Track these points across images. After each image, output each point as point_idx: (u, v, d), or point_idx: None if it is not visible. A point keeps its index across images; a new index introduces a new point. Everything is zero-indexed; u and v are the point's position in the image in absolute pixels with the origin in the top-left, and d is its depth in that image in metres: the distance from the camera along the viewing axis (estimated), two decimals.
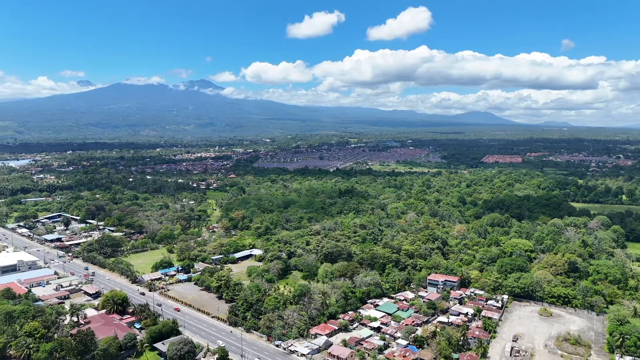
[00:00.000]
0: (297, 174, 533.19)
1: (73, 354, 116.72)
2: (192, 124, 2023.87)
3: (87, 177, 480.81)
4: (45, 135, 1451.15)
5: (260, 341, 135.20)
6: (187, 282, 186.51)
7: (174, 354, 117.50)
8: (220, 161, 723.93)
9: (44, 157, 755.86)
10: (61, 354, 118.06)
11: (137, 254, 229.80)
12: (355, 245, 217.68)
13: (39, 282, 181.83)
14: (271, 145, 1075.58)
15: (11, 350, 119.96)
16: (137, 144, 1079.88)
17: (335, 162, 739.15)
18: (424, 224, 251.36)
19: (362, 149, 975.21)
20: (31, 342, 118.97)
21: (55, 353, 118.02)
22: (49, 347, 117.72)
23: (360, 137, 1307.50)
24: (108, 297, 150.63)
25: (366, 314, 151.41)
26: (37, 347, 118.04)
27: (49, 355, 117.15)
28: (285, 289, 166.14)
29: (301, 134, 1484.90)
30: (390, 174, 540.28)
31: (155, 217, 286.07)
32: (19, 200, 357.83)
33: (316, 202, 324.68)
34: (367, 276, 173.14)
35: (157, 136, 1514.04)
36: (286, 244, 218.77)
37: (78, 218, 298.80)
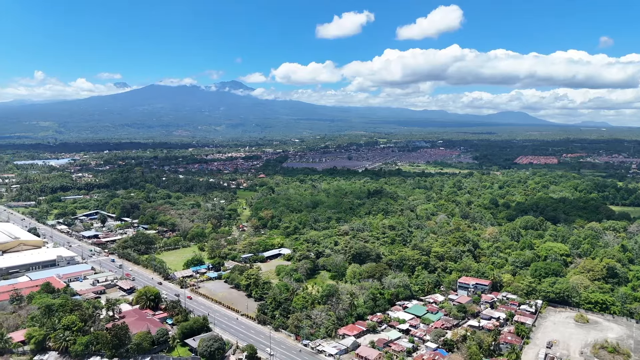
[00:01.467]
0: (326, 174, 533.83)
1: (108, 348, 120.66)
2: (223, 125, 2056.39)
3: (123, 176, 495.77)
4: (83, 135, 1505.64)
5: (289, 340, 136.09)
6: (218, 279, 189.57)
7: (204, 350, 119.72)
8: (250, 161, 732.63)
9: (82, 157, 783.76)
10: (97, 347, 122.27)
11: (170, 251, 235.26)
12: (384, 246, 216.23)
13: (77, 277, 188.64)
14: (300, 145, 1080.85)
15: (50, 342, 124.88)
16: (170, 144, 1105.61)
17: (364, 163, 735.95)
18: (454, 226, 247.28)
19: (392, 150, 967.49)
20: (69, 335, 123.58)
21: (91, 346, 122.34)
22: (85, 340, 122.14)
23: (390, 138, 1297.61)
24: (141, 293, 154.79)
25: (395, 316, 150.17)
26: (75, 340, 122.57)
27: (86, 348, 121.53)
28: (313, 289, 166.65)
29: (330, 134, 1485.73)
30: (420, 174, 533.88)
31: (187, 216, 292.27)
32: (59, 198, 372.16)
33: (344, 202, 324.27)
34: (396, 278, 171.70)
35: (189, 136, 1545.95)
36: (314, 244, 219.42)
37: (114, 216, 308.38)
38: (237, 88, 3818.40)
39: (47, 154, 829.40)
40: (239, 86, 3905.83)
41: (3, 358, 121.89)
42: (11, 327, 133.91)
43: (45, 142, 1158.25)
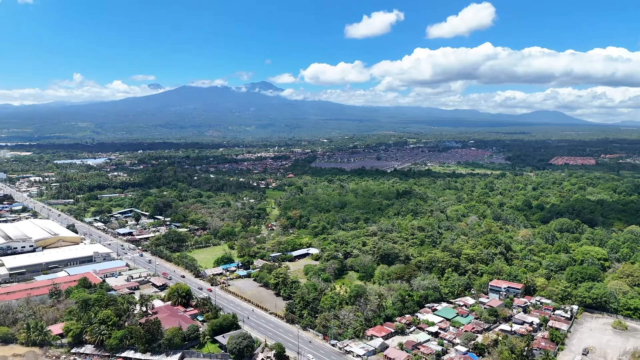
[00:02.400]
0: (354, 174, 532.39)
1: (141, 342, 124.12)
2: (253, 125, 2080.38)
3: (156, 175, 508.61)
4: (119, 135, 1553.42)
5: (317, 339, 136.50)
6: (247, 278, 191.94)
7: (233, 347, 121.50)
8: (279, 161, 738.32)
9: (118, 156, 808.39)
10: (131, 341, 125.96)
11: (200, 249, 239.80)
12: (413, 247, 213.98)
13: (112, 272, 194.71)
14: (328, 145, 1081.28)
15: (87, 336, 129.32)
16: (202, 144, 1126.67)
17: (393, 163, 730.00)
18: (486, 228, 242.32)
19: (421, 150, 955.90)
20: (104, 329, 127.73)
21: (125, 340, 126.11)
22: (120, 334, 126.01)
23: (419, 138, 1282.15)
24: (173, 290, 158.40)
25: (424, 318, 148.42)
26: (110, 334, 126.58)
27: (120, 342, 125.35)
28: (341, 289, 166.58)
29: (358, 134, 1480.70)
30: (451, 175, 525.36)
31: (217, 214, 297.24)
32: (96, 196, 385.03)
33: (373, 203, 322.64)
34: (425, 280, 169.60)
35: (220, 136, 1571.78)
36: (342, 244, 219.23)
37: (147, 214, 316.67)
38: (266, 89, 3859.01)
39: (85, 154, 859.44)
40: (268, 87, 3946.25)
41: (42, 350, 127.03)
42: (50, 320, 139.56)
43: (83, 142, 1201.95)
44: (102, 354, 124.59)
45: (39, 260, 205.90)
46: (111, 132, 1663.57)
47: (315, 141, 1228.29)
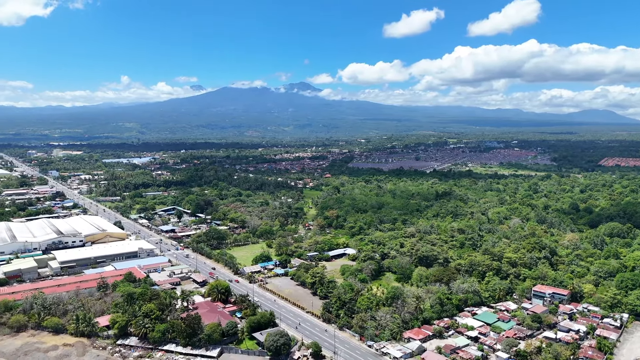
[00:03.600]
0: (392, 174, 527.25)
1: (183, 336, 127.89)
2: (291, 125, 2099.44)
3: (197, 174, 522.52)
4: (163, 135, 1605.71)
5: (353, 340, 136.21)
6: (284, 276, 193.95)
7: (270, 344, 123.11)
8: (317, 161, 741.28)
9: (162, 155, 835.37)
10: (172, 334, 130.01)
11: (239, 247, 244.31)
12: (453, 250, 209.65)
13: (155, 268, 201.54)
14: (366, 145, 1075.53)
15: (131, 328, 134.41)
16: (242, 144, 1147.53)
17: (432, 163, 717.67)
18: (529, 231, 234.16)
19: (462, 150, 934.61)
20: (148, 322, 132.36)
21: (167, 334, 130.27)
22: (162, 328, 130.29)
23: (460, 138, 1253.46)
24: (213, 286, 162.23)
25: (463, 322, 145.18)
26: (153, 327, 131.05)
27: (162, 335, 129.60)
28: (378, 290, 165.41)
29: (397, 134, 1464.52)
30: (493, 176, 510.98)
31: (256, 213, 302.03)
32: (141, 194, 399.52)
33: (411, 204, 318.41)
34: (465, 283, 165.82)
35: (259, 137, 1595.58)
36: (379, 245, 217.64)
37: (189, 211, 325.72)
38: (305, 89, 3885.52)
39: (131, 153, 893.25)
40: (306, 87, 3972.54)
41: (90, 341, 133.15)
42: (97, 312, 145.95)
43: (129, 142, 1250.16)
44: (145, 346, 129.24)
45: (88, 255, 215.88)
46: (155, 132, 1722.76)
47: (353, 141, 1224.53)
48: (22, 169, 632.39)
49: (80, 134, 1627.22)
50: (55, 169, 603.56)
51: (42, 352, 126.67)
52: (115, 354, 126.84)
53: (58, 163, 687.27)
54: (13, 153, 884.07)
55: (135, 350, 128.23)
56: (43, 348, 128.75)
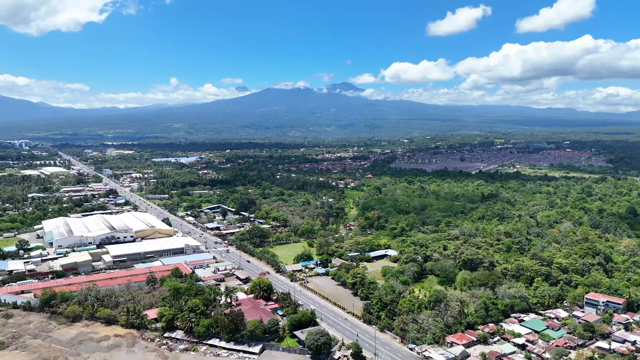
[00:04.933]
0: (436, 175, 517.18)
1: (226, 332, 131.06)
2: (333, 125, 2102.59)
3: (242, 173, 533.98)
4: (209, 135, 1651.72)
5: (394, 342, 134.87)
6: (325, 276, 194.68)
7: (311, 343, 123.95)
8: (358, 161, 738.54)
9: (208, 155, 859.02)
10: (216, 330, 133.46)
11: (281, 245, 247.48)
12: (499, 254, 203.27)
13: (200, 264, 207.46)
14: (409, 145, 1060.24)
15: (177, 322, 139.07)
16: (284, 144, 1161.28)
17: (478, 164, 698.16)
18: (581, 236, 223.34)
19: (509, 151, 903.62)
20: (193, 317, 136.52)
21: (211, 328, 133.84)
22: (207, 323, 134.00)
23: (507, 138, 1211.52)
24: (255, 284, 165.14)
25: (509, 329, 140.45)
26: (198, 322, 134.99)
27: (207, 329, 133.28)
28: (420, 293, 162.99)
29: (441, 134, 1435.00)
30: (542, 178, 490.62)
31: (297, 212, 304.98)
32: (188, 192, 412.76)
33: (455, 205, 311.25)
34: (512, 288, 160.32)
35: (301, 137, 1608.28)
36: (422, 247, 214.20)
37: (233, 210, 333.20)
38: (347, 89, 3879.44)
39: (179, 152, 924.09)
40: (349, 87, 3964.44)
41: (139, 332, 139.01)
42: (146, 306, 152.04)
43: (177, 142, 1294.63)
44: (191, 340, 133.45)
45: (138, 250, 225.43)
46: (202, 132, 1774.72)
47: (395, 141, 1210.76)
48: (79, 167, 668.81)
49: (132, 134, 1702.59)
50: (109, 167, 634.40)
51: (95, 341, 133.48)
52: (163, 346, 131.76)
53: (111, 162, 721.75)
54: (71, 152, 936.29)
55: (181, 344, 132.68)
56: (96, 338, 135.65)
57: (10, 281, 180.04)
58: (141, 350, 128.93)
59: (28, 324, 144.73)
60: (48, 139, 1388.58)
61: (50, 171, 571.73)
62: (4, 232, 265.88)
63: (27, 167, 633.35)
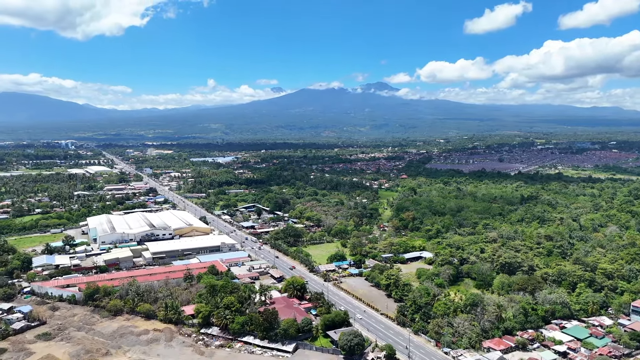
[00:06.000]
0: (473, 176, 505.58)
1: (260, 329, 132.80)
2: (367, 125, 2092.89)
3: (276, 173, 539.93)
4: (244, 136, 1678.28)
5: (428, 345, 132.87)
6: (358, 276, 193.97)
7: (344, 343, 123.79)
8: (393, 161, 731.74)
9: (243, 155, 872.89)
10: (251, 327, 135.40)
11: (315, 245, 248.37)
12: (539, 257, 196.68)
13: (236, 262, 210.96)
14: (445, 146, 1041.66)
15: (213, 318, 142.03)
16: (318, 144, 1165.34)
17: (517, 165, 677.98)
18: (628, 240, 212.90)
19: (551, 151, 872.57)
20: (228, 314, 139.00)
21: (246, 326, 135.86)
22: (241, 320, 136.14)
23: (549, 138, 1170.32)
24: (289, 282, 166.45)
25: (549, 335, 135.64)
26: (233, 319, 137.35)
27: (242, 327, 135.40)
28: (456, 296, 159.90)
29: (478, 134, 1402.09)
30: (586, 180, 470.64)
31: (331, 213, 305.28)
32: (224, 191, 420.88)
33: (493, 207, 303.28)
34: (552, 293, 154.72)
35: (335, 137, 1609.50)
36: (458, 249, 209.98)
37: (268, 209, 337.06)
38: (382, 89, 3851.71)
39: (216, 152, 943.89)
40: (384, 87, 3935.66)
41: (177, 327, 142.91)
42: (184, 302, 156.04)
43: (214, 142, 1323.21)
44: (226, 337, 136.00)
45: (176, 247, 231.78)
46: (238, 132, 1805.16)
47: (431, 141, 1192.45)
48: (121, 166, 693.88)
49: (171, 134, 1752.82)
50: (149, 166, 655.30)
51: (135, 335, 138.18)
52: (199, 341, 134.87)
53: (151, 161, 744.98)
54: (114, 152, 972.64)
55: (216, 340, 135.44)
56: (136, 332, 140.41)
57: (57, 275, 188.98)
58: (178, 345, 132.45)
59: (73, 317, 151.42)
60: (93, 139, 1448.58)
61: (94, 170, 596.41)
62: (52, 228, 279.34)
63: (73, 166, 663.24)
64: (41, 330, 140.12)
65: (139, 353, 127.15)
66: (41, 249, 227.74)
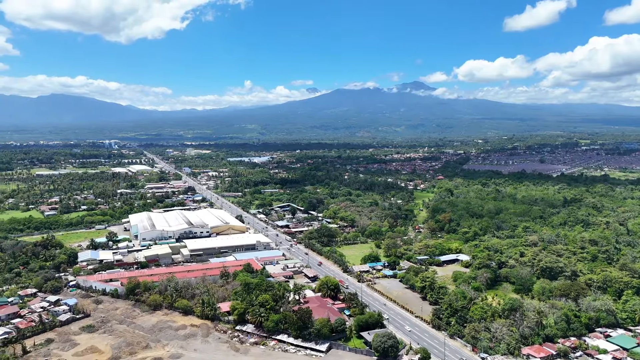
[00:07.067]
0: (512, 178, 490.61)
1: (294, 328, 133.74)
2: (402, 125, 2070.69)
3: (311, 173, 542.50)
4: (280, 136, 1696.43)
5: (464, 350, 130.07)
6: (392, 278, 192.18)
7: (378, 345, 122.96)
8: (429, 162, 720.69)
9: (279, 155, 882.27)
10: (285, 325, 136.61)
11: (348, 245, 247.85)
12: (582, 263, 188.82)
13: (270, 261, 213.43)
14: (483, 146, 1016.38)
15: (248, 316, 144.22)
16: (353, 145, 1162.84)
17: (560, 167, 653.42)
18: None
19: (596, 152, 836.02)
20: (263, 312, 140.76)
21: (280, 324, 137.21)
22: (276, 318, 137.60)
23: (594, 138, 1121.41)
24: (323, 282, 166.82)
25: (593, 344, 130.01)
26: (267, 317, 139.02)
27: (276, 325, 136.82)
28: (493, 300, 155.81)
29: (518, 135, 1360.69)
30: (635, 182, 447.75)
31: (365, 213, 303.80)
32: (259, 191, 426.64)
33: (534, 210, 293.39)
34: (597, 300, 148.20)
35: (370, 137, 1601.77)
36: (496, 253, 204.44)
37: (302, 209, 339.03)
38: (418, 89, 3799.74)
39: (252, 152, 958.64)
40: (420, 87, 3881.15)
41: (213, 324, 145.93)
42: (220, 298, 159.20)
43: (250, 142, 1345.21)
44: (260, 334, 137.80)
45: (213, 245, 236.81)
46: (274, 133, 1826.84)
47: (469, 142, 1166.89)
48: (161, 165, 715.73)
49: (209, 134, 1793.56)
50: (187, 166, 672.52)
51: (173, 330, 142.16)
52: (234, 338, 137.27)
53: (190, 161, 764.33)
54: (154, 151, 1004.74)
55: (251, 337, 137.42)
56: (174, 326, 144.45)
57: (101, 270, 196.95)
58: (215, 341, 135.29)
59: (115, 310, 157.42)
60: (135, 139, 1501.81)
61: (136, 169, 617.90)
62: (96, 224, 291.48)
63: (117, 165, 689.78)
64: (85, 323, 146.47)
65: (177, 347, 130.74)
66: (86, 244, 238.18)
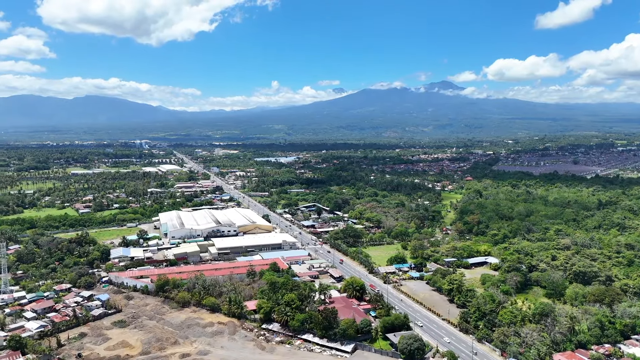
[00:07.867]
0: (544, 179, 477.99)
1: (319, 328, 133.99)
2: (430, 125, 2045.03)
3: (337, 173, 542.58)
4: (306, 136, 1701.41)
5: (493, 354, 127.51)
6: (419, 280, 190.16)
7: (404, 347, 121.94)
8: (457, 163, 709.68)
9: (305, 155, 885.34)
10: (310, 325, 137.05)
11: (374, 246, 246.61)
12: (617, 267, 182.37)
13: (296, 260, 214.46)
14: (514, 146, 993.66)
15: (274, 314, 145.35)
16: (379, 145, 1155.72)
17: (594, 168, 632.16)
18: None
19: (633, 153, 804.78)
20: (289, 311, 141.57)
21: (305, 323, 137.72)
22: (301, 318, 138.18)
23: (631, 139, 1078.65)
24: (349, 283, 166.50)
25: (629, 352, 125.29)
26: (293, 316, 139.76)
27: (301, 324, 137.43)
28: (523, 305, 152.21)
29: (550, 135, 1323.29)
30: None
31: (391, 214, 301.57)
32: (286, 191, 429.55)
33: (566, 212, 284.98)
34: (633, 307, 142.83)
35: (397, 137, 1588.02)
36: (527, 256, 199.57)
37: (328, 209, 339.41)
38: (446, 88, 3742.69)
39: (278, 153, 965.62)
40: (448, 86, 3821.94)
41: (240, 322, 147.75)
42: (246, 297, 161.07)
43: (277, 143, 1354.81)
44: (286, 333, 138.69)
45: (240, 244, 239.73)
46: (300, 133, 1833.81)
47: (498, 142, 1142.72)
48: (190, 165, 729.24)
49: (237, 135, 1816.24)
50: (216, 166, 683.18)
51: (201, 327, 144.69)
52: (260, 336, 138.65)
53: (218, 161, 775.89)
54: (183, 151, 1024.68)
55: (277, 336, 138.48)
56: (202, 324, 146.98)
57: (132, 266, 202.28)
58: (241, 339, 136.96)
59: (145, 306, 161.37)
60: (165, 139, 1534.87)
61: (166, 168, 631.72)
62: (128, 222, 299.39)
63: (147, 165, 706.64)
64: (117, 318, 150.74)
65: (204, 344, 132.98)
66: (118, 241, 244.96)
